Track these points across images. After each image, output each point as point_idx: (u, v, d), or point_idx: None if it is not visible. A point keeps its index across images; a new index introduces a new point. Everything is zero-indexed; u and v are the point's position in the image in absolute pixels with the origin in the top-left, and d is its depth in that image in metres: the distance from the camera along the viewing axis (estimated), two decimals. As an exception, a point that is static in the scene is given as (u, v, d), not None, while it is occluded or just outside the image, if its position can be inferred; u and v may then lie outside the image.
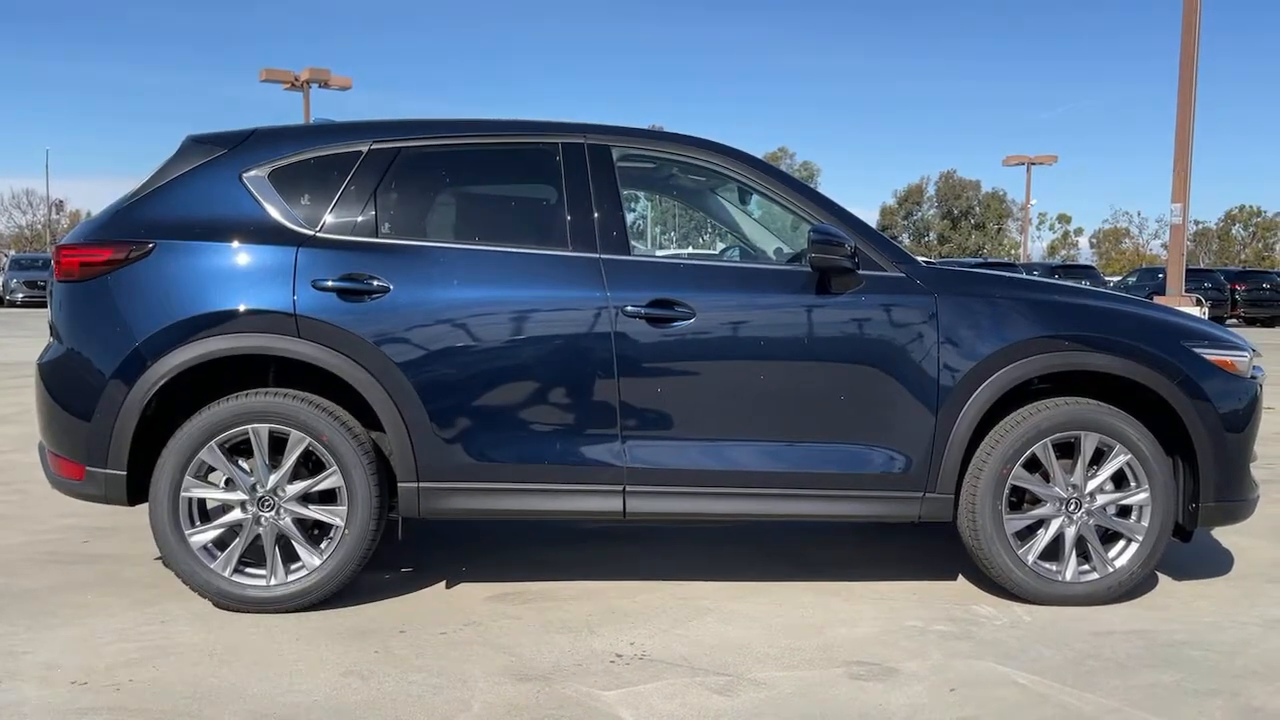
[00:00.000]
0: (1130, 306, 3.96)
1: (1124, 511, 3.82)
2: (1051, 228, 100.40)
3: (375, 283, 3.57)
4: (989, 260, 30.75)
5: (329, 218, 3.67)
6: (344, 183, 3.71)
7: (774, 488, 3.70)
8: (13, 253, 43.54)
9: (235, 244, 3.59)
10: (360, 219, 3.68)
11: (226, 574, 3.56)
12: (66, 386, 3.61)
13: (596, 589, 3.93)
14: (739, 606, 3.75)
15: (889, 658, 3.27)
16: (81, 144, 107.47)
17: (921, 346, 3.70)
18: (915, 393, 3.69)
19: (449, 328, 3.58)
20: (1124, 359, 3.75)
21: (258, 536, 3.57)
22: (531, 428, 3.63)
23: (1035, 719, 2.85)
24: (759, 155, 3.95)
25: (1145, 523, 3.79)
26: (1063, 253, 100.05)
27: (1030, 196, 50.47)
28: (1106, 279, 36.96)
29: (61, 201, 67.47)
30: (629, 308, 3.60)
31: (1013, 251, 74.06)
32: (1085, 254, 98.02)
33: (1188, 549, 4.29)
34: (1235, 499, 3.88)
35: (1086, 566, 3.82)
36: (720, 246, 4.97)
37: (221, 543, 3.59)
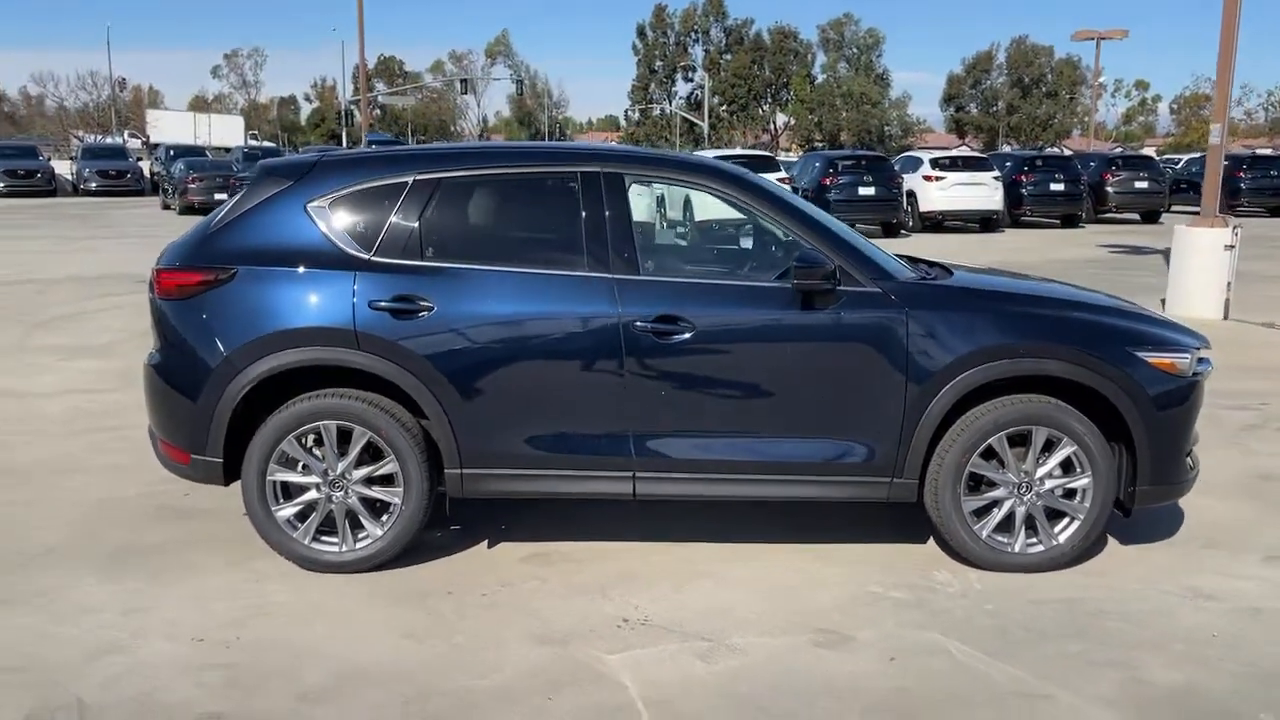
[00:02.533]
0: (1083, 314, 4.47)
1: (1070, 494, 4.40)
2: (1128, 95, 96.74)
3: (422, 302, 4.20)
4: (1043, 152, 30.17)
5: (381, 243, 4.29)
6: (393, 211, 4.31)
7: (761, 474, 4.34)
8: (84, 140, 44.57)
9: (303, 269, 4.24)
10: (407, 244, 4.30)
11: (306, 542, 4.33)
12: (172, 387, 4.33)
13: (613, 550, 4.64)
14: (731, 570, 4.44)
15: (847, 625, 3.94)
16: (140, 11, 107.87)
17: (892, 354, 4.26)
18: (885, 395, 4.28)
19: (483, 340, 4.22)
20: (1072, 364, 4.28)
21: (330, 512, 4.32)
22: (554, 423, 4.29)
23: (954, 688, 3.51)
24: (823, 22, 4.37)
25: (1087, 504, 4.38)
26: (1140, 119, 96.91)
27: (1100, 71, 48.87)
28: (1178, 157, 35.90)
29: (124, 79, 68.39)
30: (638, 323, 4.21)
31: (1085, 119, 71.98)
32: (1164, 121, 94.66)
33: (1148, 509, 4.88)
34: (1170, 482, 4.46)
35: (1034, 539, 4.43)
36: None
37: (302, 516, 4.34)
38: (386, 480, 4.34)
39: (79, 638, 3.80)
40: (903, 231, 21.94)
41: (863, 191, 20.62)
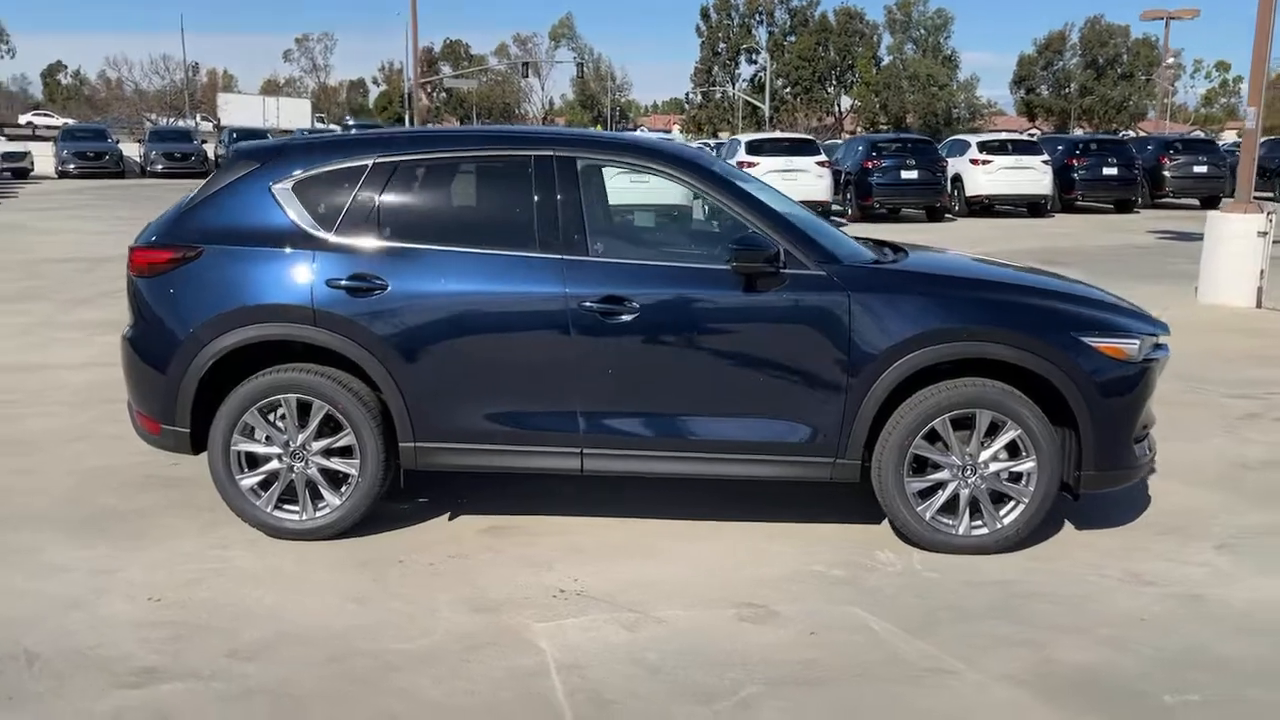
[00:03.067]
0: (1030, 299, 4.48)
1: (1015, 477, 4.43)
2: (1208, 76, 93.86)
3: (376, 281, 4.36)
4: (1116, 136, 29.44)
5: (341, 224, 4.45)
6: (353, 193, 4.47)
7: (705, 452, 4.44)
8: (154, 124, 45.79)
9: (265, 248, 4.43)
10: (366, 224, 4.46)
11: (269, 510, 4.52)
12: (144, 360, 4.55)
13: (571, 525, 4.77)
14: (680, 546, 4.55)
15: (776, 600, 4.03)
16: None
17: (834, 337, 4.32)
18: (828, 377, 4.34)
19: (434, 318, 4.37)
20: (1015, 349, 4.31)
21: (292, 481, 4.51)
22: (504, 400, 4.43)
23: (864, 662, 3.59)
24: (890, 2, 4.39)
25: (1032, 488, 4.41)
26: (1221, 101, 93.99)
27: (1175, 53, 47.56)
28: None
29: (196, 64, 70.06)
30: (585, 303, 4.32)
31: (1165, 101, 70.09)
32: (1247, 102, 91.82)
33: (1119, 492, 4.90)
34: (1118, 467, 4.47)
35: (979, 522, 4.47)
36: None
37: (265, 485, 4.54)
38: (345, 452, 4.51)
39: (45, 594, 4.04)
40: (947, 216, 21.71)
41: (905, 175, 20.42)
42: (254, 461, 4.53)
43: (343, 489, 4.52)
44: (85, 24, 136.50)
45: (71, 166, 32.61)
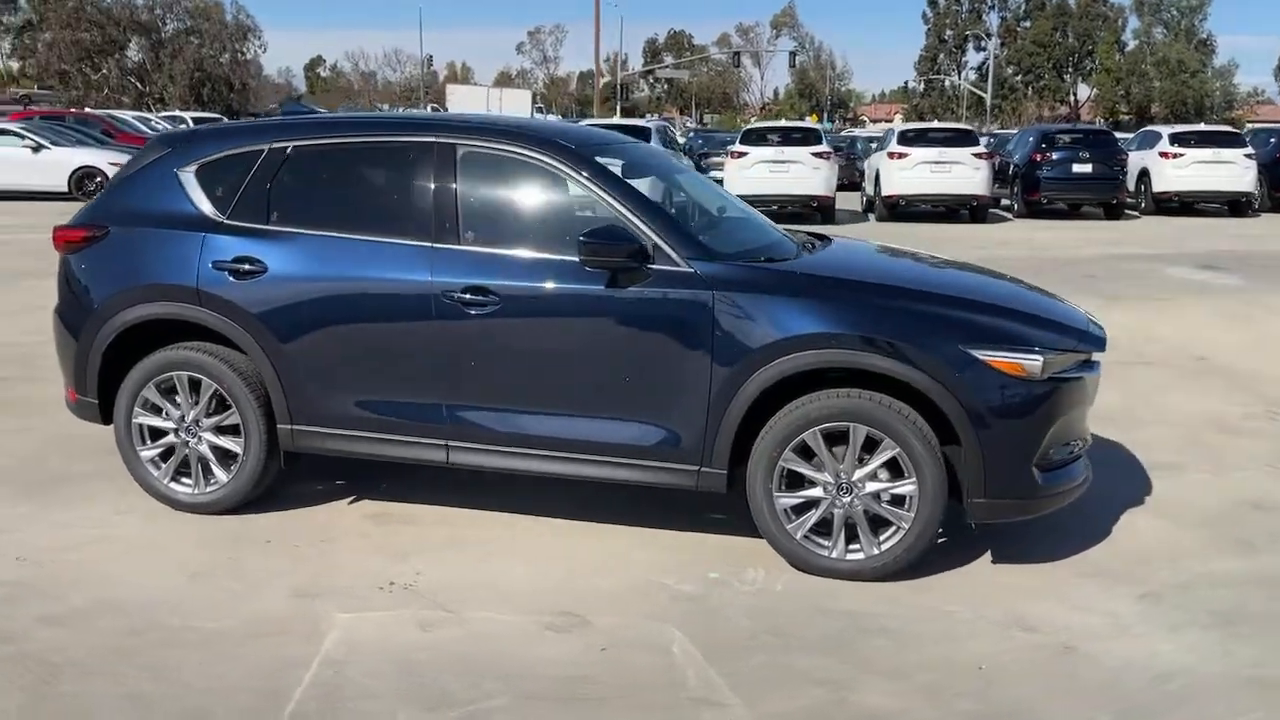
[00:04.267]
0: (918, 304, 4.06)
1: (898, 500, 4.03)
2: None
3: (257, 264, 4.44)
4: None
5: (234, 208, 4.55)
6: (247, 178, 4.57)
7: (568, 453, 4.27)
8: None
9: (164, 230, 4.59)
10: (256, 208, 4.54)
11: (165, 482, 4.70)
12: (64, 332, 4.81)
13: (458, 517, 4.71)
14: (548, 547, 4.41)
15: (598, 611, 3.83)
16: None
17: (697, 339, 4.06)
18: (690, 380, 4.09)
19: (309, 303, 4.41)
20: (891, 360, 3.92)
21: (186, 456, 4.67)
22: (374, 387, 4.42)
23: (638, 684, 3.35)
24: None
25: (913, 512, 4.00)
26: None
27: None
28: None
29: (431, 56, 73.83)
30: (449, 292, 4.24)
31: None
32: None
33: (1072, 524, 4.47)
34: (1013, 496, 3.99)
35: (856, 546, 4.10)
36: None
37: (165, 457, 4.71)
38: (234, 431, 4.62)
39: (-66, 548, 4.35)
40: (1129, 213, 20.04)
41: (1077, 169, 18.93)
42: (155, 434, 4.71)
43: (231, 466, 4.64)
44: (335, 21, 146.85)
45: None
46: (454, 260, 4.28)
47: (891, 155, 18.03)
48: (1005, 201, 20.20)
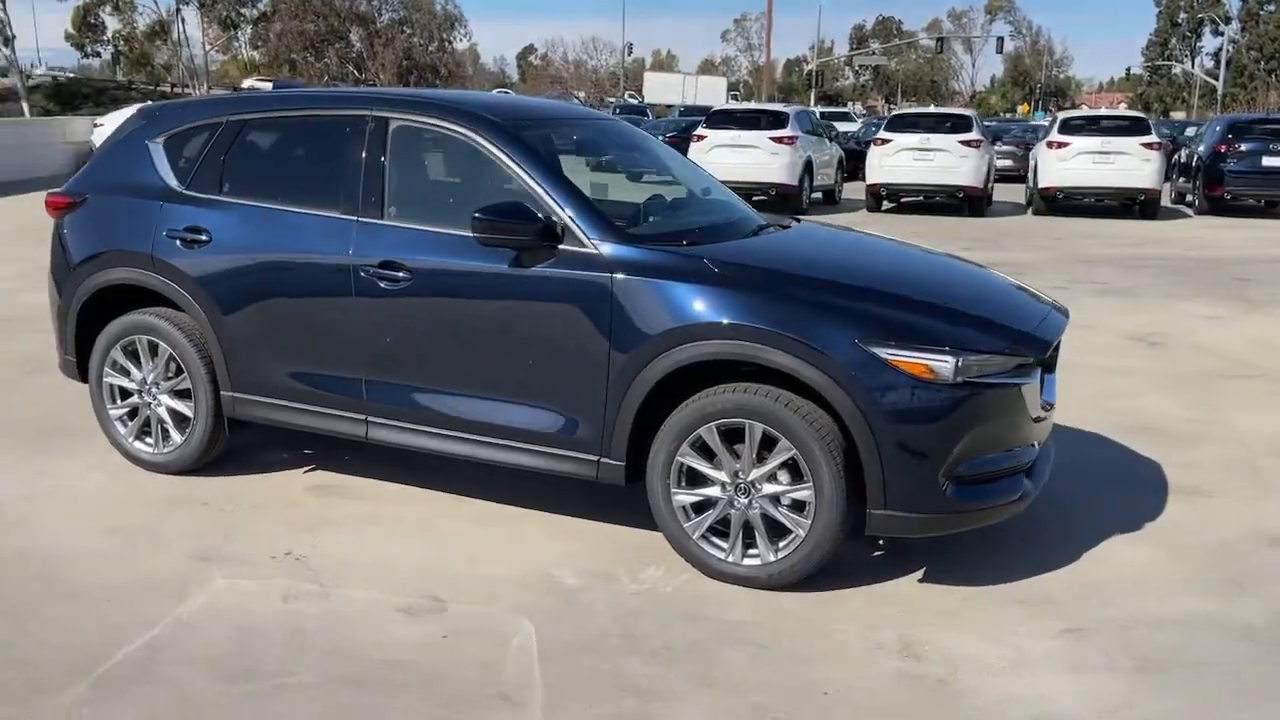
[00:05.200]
0: (823, 295, 3.73)
1: (798, 506, 3.74)
2: None
3: (203, 233, 4.54)
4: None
5: (192, 178, 4.68)
6: (205, 149, 4.68)
7: (475, 435, 4.17)
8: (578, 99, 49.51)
9: (130, 198, 4.76)
10: (209, 179, 4.64)
11: (131, 440, 4.89)
12: (53, 293, 5.07)
13: (392, 494, 4.69)
14: (462, 530, 4.32)
15: (463, 598, 3.72)
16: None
17: (596, 322, 3.88)
18: (589, 366, 3.91)
19: (245, 272, 4.48)
20: (787, 354, 3.62)
21: (148, 416, 4.85)
22: (302, 359, 4.45)
23: (446, 676, 3.22)
24: None
25: (809, 519, 3.69)
26: None
27: None
28: None
29: (631, 45, 74.78)
30: (365, 267, 4.22)
31: None
32: None
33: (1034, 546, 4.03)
34: (916, 511, 3.62)
35: (755, 551, 3.83)
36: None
37: (132, 415, 4.90)
38: (189, 394, 4.76)
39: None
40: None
41: (1268, 162, 17.06)
42: (124, 394, 4.91)
43: (185, 429, 4.78)
44: (543, 10, 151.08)
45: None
46: (374, 235, 4.25)
47: (1050, 145, 16.85)
48: (1189, 198, 18.57)
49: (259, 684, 3.17)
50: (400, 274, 4.16)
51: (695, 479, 3.89)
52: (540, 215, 3.94)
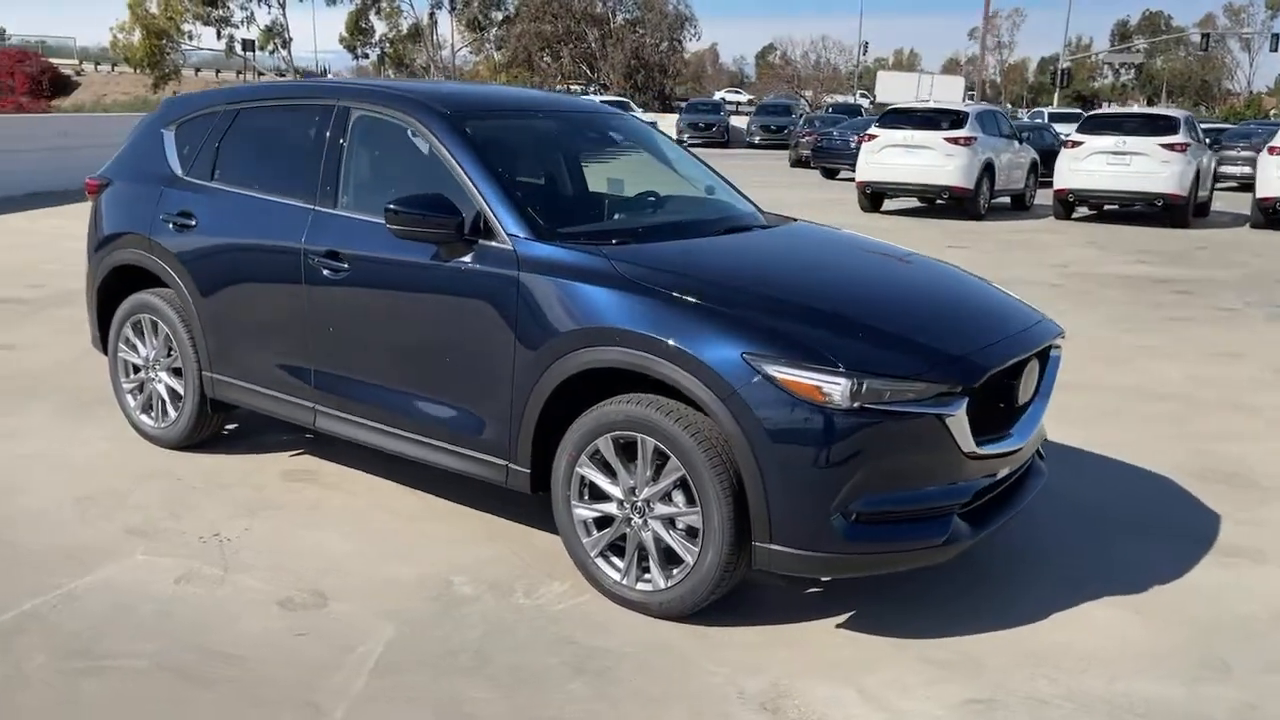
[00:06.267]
0: (718, 303, 3.38)
1: (692, 532, 3.43)
2: None
3: (192, 218, 4.68)
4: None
5: (192, 165, 4.83)
6: (204, 136, 4.82)
7: (403, 430, 4.08)
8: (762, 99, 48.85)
9: (142, 184, 4.97)
10: (205, 166, 4.78)
11: (137, 414, 5.11)
12: (88, 272, 5.38)
13: (359, 483, 4.68)
14: (403, 527, 4.23)
15: (345, 596, 3.63)
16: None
17: (503, 320, 3.71)
18: (495, 364, 3.75)
19: (219, 257, 4.58)
20: (671, 364, 3.33)
21: (151, 392, 5.05)
22: (262, 343, 4.50)
23: (277, 676, 3.15)
24: None
25: (698, 547, 3.38)
26: None
27: None
28: None
29: (867, 44, 73.23)
30: (312, 255, 4.22)
31: None
32: None
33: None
34: (800, 548, 3.24)
35: (649, 576, 3.55)
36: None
37: (140, 389, 5.12)
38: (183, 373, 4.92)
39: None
40: None
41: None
42: (135, 369, 5.14)
43: (179, 406, 4.95)
44: (782, 9, 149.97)
45: (686, 135, 36.22)
46: (323, 224, 4.24)
47: (1272, 151, 15.01)
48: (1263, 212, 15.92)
49: (85, 663, 3.19)
50: (342, 264, 4.13)
51: (596, 493, 3.64)
52: (459, 208, 3.79)
